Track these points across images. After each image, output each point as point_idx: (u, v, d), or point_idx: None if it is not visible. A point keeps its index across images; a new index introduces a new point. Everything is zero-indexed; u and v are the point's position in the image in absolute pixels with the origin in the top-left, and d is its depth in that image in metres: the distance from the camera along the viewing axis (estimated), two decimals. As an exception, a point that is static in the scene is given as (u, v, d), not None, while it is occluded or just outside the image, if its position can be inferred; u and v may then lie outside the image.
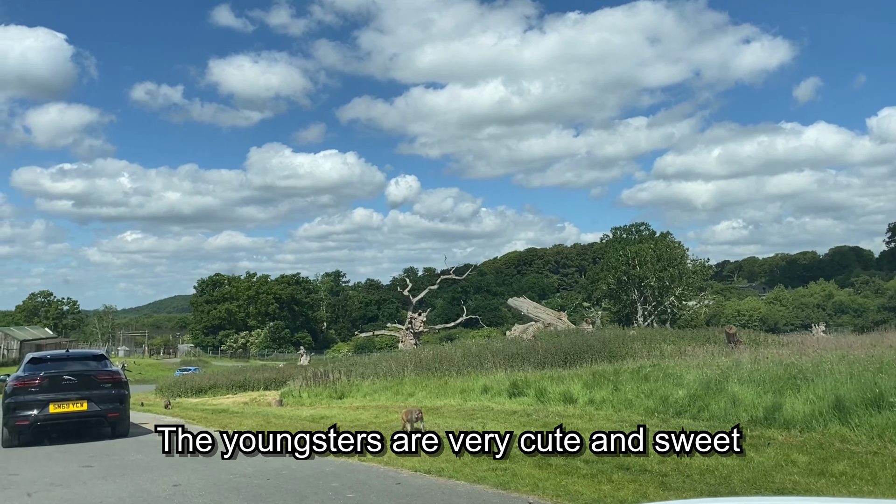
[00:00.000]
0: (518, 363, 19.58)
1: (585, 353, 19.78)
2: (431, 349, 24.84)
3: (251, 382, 35.68)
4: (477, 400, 15.53)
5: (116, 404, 14.06)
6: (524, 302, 32.06)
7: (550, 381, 14.88)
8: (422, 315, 62.14)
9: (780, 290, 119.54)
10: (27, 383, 13.71)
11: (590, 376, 14.61)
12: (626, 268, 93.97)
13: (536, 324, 28.88)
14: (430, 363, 22.10)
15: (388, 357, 26.26)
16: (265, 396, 28.07)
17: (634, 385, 13.35)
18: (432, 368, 21.39)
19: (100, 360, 15.03)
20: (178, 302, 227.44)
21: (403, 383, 19.72)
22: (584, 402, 13.15)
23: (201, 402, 29.40)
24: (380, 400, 18.69)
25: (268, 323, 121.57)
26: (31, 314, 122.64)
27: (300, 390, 23.25)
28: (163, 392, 37.03)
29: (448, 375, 19.40)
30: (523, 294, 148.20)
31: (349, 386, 21.88)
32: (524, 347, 20.80)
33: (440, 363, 21.54)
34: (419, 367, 21.90)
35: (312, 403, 20.81)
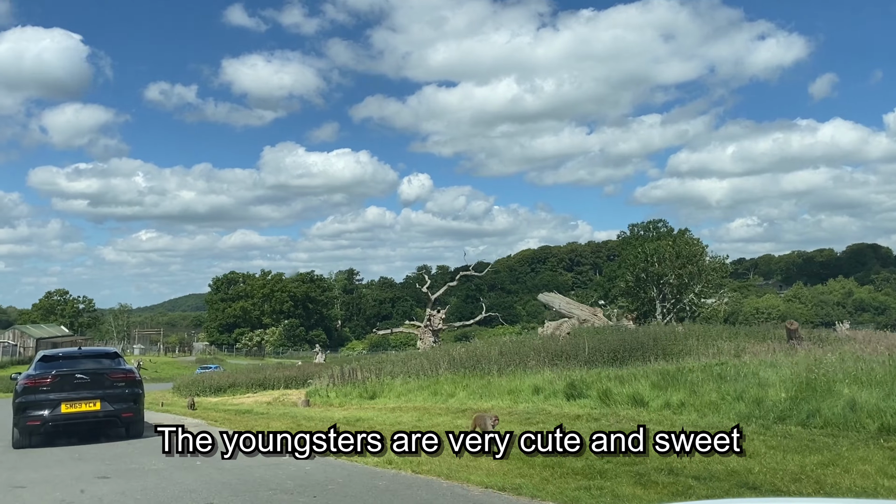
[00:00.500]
0: (563, 361, 18.06)
1: (636, 350, 18.24)
2: (464, 346, 23.33)
3: (271, 381, 34.31)
4: (529, 401, 14.00)
5: (130, 404, 13.51)
6: (556, 297, 30.45)
7: (612, 381, 13.33)
8: (440, 312, 60.62)
9: (799, 287, 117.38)
10: (38, 382, 13.09)
11: (657, 376, 13.06)
12: (645, 265, 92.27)
13: (570, 320, 27.33)
14: (465, 361, 20.59)
15: (417, 354, 24.76)
16: (288, 396, 26.65)
17: (712, 386, 11.80)
18: (468, 367, 19.88)
19: (113, 358, 14.45)
20: (193, 300, 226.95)
21: (440, 382, 18.22)
22: (658, 406, 11.60)
23: (221, 401, 28.02)
24: (416, 400, 17.20)
25: (282, 321, 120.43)
26: (48, 312, 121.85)
27: (327, 389, 21.78)
28: (180, 391, 35.68)
29: (488, 374, 17.88)
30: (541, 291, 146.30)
31: (380, 385, 20.40)
32: (569, 345, 19.26)
33: (477, 361, 20.03)
34: (453, 366, 20.40)
35: (342, 404, 19.35)
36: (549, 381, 15.07)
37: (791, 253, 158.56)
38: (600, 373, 14.44)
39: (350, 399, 19.77)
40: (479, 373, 18.64)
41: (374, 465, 9.51)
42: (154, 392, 42.18)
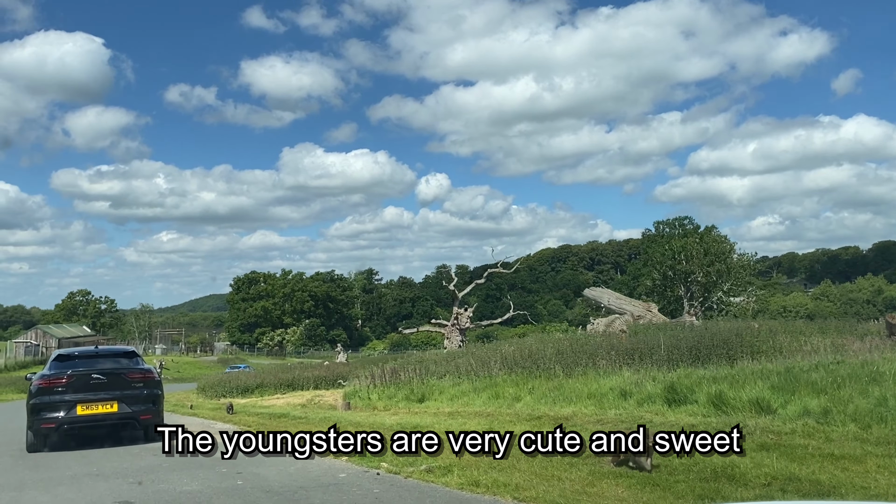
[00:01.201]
0: (636, 361, 15.91)
1: (716, 348, 16.06)
2: (513, 345, 21.20)
3: (300, 381, 32.33)
4: (618, 407, 11.89)
5: (149, 405, 12.91)
6: (604, 293, 28.33)
7: (722, 383, 11.18)
8: (468, 311, 58.54)
9: (827, 285, 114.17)
10: (53, 382, 12.47)
11: (777, 377, 10.89)
12: (672, 262, 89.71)
13: (623, 316, 25.21)
14: (520, 360, 18.48)
15: (463, 353, 22.68)
16: (322, 397, 24.66)
17: (853, 389, 9.63)
18: (525, 366, 17.77)
19: (131, 358, 13.75)
20: (213, 301, 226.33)
21: (499, 384, 16.12)
22: (793, 414, 9.45)
23: (250, 403, 26.06)
24: (474, 405, 15.12)
25: (303, 320, 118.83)
26: (70, 313, 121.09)
27: (368, 390, 19.72)
28: (206, 391, 33.79)
29: (553, 375, 15.77)
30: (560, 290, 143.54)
31: (426, 386, 18.34)
32: (639, 342, 17.10)
33: (532, 360, 17.90)
34: (507, 365, 18.29)
35: (387, 407, 17.32)
36: (635, 382, 12.95)
37: (815, 251, 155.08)
38: (699, 374, 12.27)
39: (395, 402, 17.73)
40: (538, 373, 16.52)
41: (462, 490, 7.50)
42: (178, 392, 40.39)
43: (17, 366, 67.73)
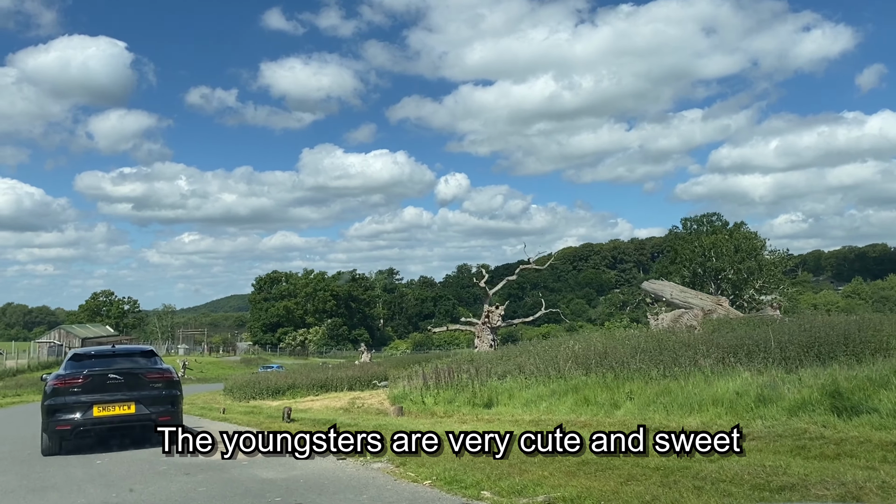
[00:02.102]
0: (743, 360, 13.38)
1: (837, 344, 13.50)
2: (579, 341, 18.66)
3: (333, 382, 30.00)
4: (765, 417, 9.39)
5: (168, 406, 12.29)
6: (666, 285, 25.82)
7: None
8: (500, 308, 56.04)
9: (858, 282, 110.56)
10: (69, 383, 11.87)
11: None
12: (703, 259, 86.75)
13: (691, 311, 22.70)
14: (593, 358, 15.99)
15: (526, 351, 20.20)
16: (362, 400, 22.28)
17: None
18: (604, 366, 15.29)
19: (149, 357, 13.11)
20: (235, 301, 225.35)
21: (582, 387, 13.62)
22: None
23: (287, 404, 23.75)
24: (559, 411, 12.66)
25: (325, 320, 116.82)
26: (94, 313, 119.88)
27: (421, 393, 17.27)
28: (233, 393, 31.52)
29: (649, 378, 13.25)
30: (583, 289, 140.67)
31: (489, 389, 15.87)
32: (747, 339, 14.56)
33: (616, 360, 15.37)
34: (581, 365, 15.78)
35: (448, 412, 14.91)
36: (764, 385, 10.45)
37: (842, 248, 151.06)
38: (863, 374, 9.72)
39: (456, 407, 15.30)
40: (627, 374, 14.00)
41: None
42: (203, 394, 38.18)
43: (41, 366, 65.94)
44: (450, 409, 14.97)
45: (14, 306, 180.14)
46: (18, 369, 62.28)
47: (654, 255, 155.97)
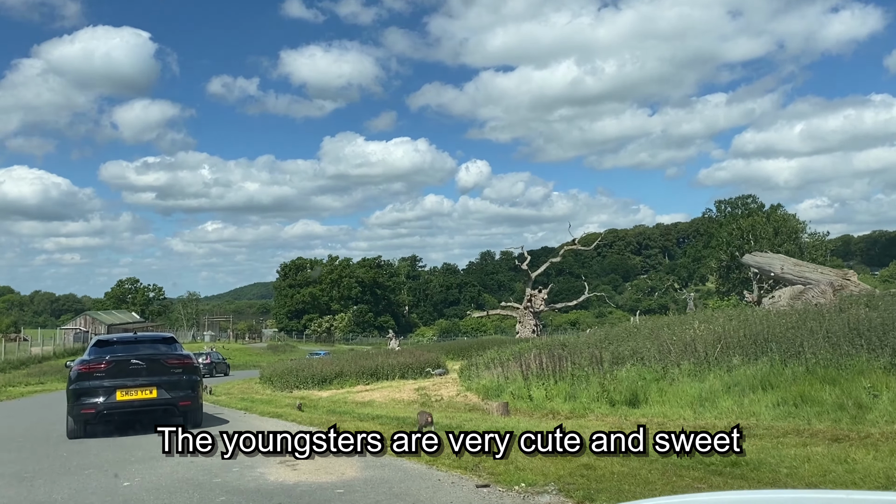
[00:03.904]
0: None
1: None
2: (734, 319, 14.83)
3: (384, 370, 26.49)
4: None
5: (188, 391, 12.27)
6: (775, 258, 22.03)
7: None
8: (542, 292, 52.38)
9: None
10: (93, 368, 11.95)
11: None
12: (740, 242, 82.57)
13: (818, 286, 18.99)
14: (754, 342, 12.32)
15: (627, 334, 16.46)
16: (429, 390, 18.71)
17: None
18: (762, 352, 11.63)
19: (169, 344, 13.35)
20: (258, 289, 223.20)
21: (775, 381, 9.93)
22: None
23: (338, 398, 20.29)
24: (764, 416, 8.97)
25: (351, 307, 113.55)
26: (120, 301, 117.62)
27: (526, 386, 13.60)
28: (272, 381, 28.07)
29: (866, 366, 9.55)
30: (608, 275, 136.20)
31: (626, 382, 12.14)
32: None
33: (782, 344, 11.68)
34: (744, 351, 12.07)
35: (577, 411, 11.26)
36: None
37: (872, 232, 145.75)
38: None
39: (584, 404, 11.64)
40: (832, 362, 10.29)
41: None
42: (238, 382, 34.79)
43: (66, 353, 62.98)
44: (577, 408, 11.31)
45: (41, 294, 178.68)
46: (44, 356, 59.48)
47: (679, 240, 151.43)
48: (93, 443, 11.39)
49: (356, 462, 9.15)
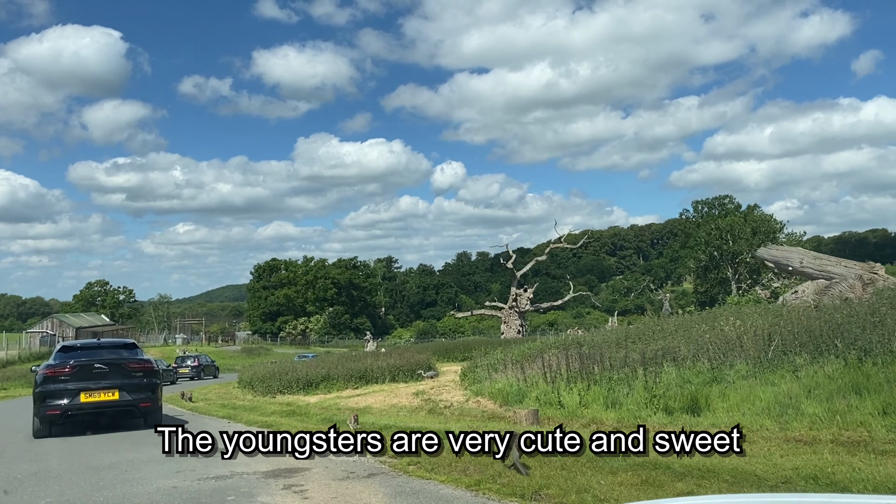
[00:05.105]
0: None
1: None
2: (756, 322, 13.30)
3: (373, 373, 24.65)
4: None
5: (148, 393, 12.95)
6: (793, 251, 20.67)
7: None
8: (528, 291, 50.85)
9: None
10: (58, 372, 12.53)
11: None
12: (719, 242, 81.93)
13: (846, 281, 17.66)
14: (803, 339, 10.83)
15: (654, 331, 14.86)
16: (431, 394, 16.95)
17: None
18: (817, 349, 10.16)
19: (131, 349, 13.81)
20: (231, 291, 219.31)
21: (860, 381, 8.42)
22: None
23: (329, 402, 18.45)
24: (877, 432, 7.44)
25: (326, 308, 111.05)
26: (89, 304, 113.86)
27: (556, 390, 11.88)
28: (253, 386, 26.03)
29: None
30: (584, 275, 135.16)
31: (675, 386, 10.51)
32: None
33: (845, 339, 10.20)
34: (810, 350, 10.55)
35: (622, 420, 9.65)
36: None
37: (842, 234, 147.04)
38: None
39: (631, 411, 10.01)
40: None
41: None
42: (214, 386, 32.58)
43: (32, 357, 60.11)
44: (625, 417, 9.66)
45: (7, 297, 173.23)
46: (8, 360, 56.57)
47: (653, 241, 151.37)
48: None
49: (379, 488, 7.42)
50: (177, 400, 22.53)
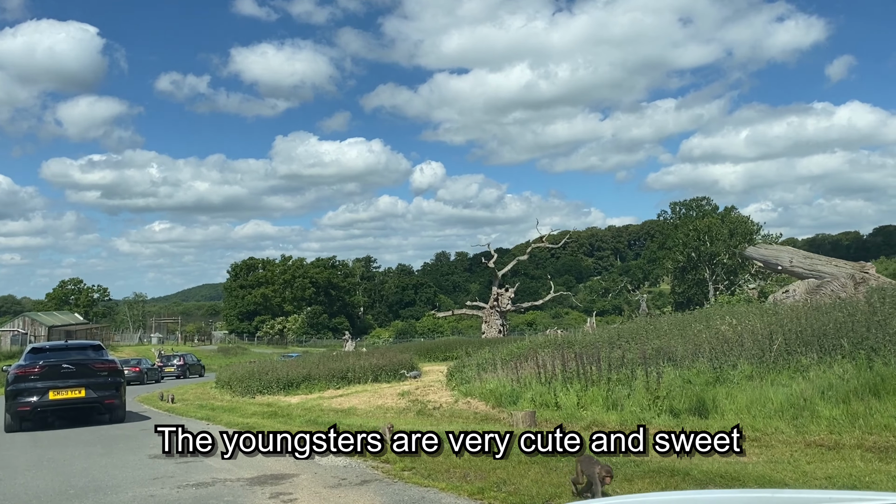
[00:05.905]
0: None
1: None
2: (753, 321, 12.93)
3: (355, 372, 24.01)
4: None
5: (112, 391, 13.89)
6: (782, 250, 20.44)
7: None
8: (509, 291, 50.50)
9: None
10: (28, 371, 13.38)
11: None
12: (697, 243, 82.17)
13: (838, 280, 17.42)
14: (807, 338, 10.48)
15: (652, 330, 14.45)
16: (417, 395, 16.41)
17: None
18: (821, 348, 9.81)
19: (97, 350, 14.80)
20: (207, 290, 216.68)
21: (878, 383, 8.04)
22: None
23: (312, 403, 17.84)
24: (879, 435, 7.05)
25: (304, 308, 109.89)
26: (62, 302, 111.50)
27: (553, 391, 11.40)
28: (231, 386, 25.29)
29: None
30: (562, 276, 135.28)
31: (680, 387, 10.07)
32: None
33: (850, 339, 9.85)
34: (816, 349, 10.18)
35: (625, 423, 9.19)
36: None
37: (816, 236, 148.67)
38: None
39: (634, 413, 9.56)
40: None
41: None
42: (192, 386, 31.77)
43: (3, 356, 58.58)
44: (628, 419, 9.20)
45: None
46: (-23, 360, 55.04)
47: (630, 242, 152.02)
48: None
49: (374, 496, 6.86)
50: (154, 400, 21.76)
